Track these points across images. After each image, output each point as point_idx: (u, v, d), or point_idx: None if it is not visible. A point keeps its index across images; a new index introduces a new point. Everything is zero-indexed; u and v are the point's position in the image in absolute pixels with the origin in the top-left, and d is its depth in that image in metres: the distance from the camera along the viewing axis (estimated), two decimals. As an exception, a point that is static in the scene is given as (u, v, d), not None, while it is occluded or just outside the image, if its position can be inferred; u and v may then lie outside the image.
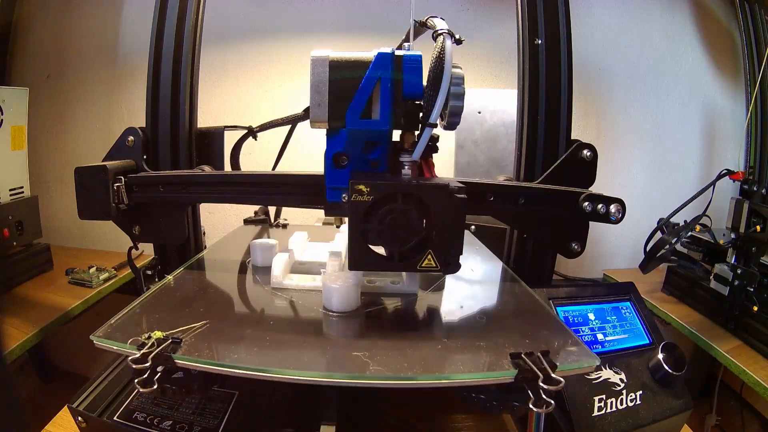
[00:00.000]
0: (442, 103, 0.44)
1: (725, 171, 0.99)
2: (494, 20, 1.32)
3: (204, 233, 0.83)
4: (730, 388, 1.17)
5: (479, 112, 1.14)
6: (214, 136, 0.78)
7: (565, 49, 0.70)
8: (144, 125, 0.73)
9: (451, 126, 0.47)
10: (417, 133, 0.47)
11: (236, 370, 0.37)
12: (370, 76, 0.44)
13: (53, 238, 1.20)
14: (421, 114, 0.46)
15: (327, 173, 0.48)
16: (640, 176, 1.42)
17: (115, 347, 0.39)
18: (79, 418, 0.46)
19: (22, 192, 1.08)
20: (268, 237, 0.78)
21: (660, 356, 0.62)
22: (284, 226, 0.90)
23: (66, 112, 1.36)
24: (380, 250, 0.45)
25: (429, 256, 0.44)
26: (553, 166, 0.65)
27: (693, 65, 1.39)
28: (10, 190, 1.05)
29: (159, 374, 0.37)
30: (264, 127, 0.78)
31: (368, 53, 0.44)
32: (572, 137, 0.71)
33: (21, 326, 0.84)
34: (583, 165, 0.65)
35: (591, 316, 0.69)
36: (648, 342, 0.68)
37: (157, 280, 0.72)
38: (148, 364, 0.36)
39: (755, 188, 0.95)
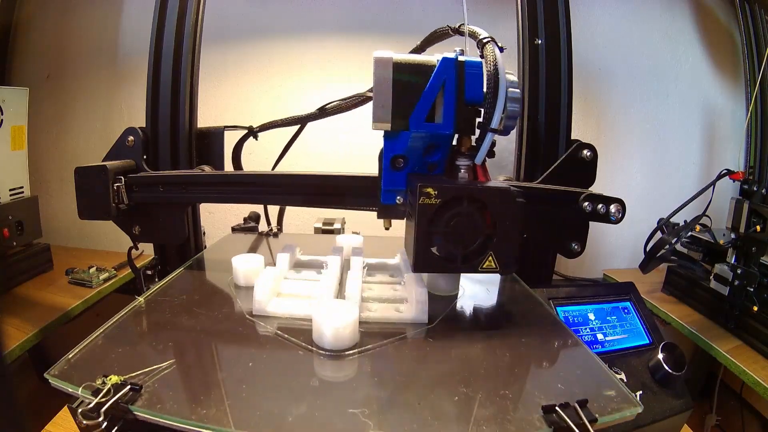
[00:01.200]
0: (503, 107, 0.45)
1: (725, 171, 0.99)
2: (494, 20, 1.32)
3: (204, 233, 0.83)
4: (730, 388, 1.17)
5: (479, 112, 1.14)
6: (214, 136, 0.78)
7: (565, 49, 0.70)
8: (144, 125, 0.73)
9: (507, 130, 0.48)
10: (474, 137, 0.48)
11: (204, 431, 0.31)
12: (434, 81, 0.44)
13: (53, 238, 1.20)
14: (479, 119, 0.47)
15: (384, 175, 0.49)
16: (640, 176, 1.42)
17: (69, 389, 0.34)
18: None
19: (22, 192, 1.08)
20: (256, 248, 0.75)
21: (660, 356, 0.62)
22: (275, 234, 0.83)
23: (66, 112, 1.36)
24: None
25: (490, 258, 0.45)
26: (553, 166, 0.65)
27: (693, 65, 1.39)
28: (10, 190, 1.05)
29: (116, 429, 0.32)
30: (264, 127, 0.79)
31: (431, 57, 0.45)
32: (572, 137, 0.71)
33: (21, 326, 0.84)
34: (583, 165, 0.65)
35: (591, 316, 0.69)
36: (648, 342, 0.68)
37: (157, 280, 0.72)
38: (100, 419, 0.30)
39: (755, 188, 0.95)
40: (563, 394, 0.36)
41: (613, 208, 0.57)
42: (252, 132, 0.80)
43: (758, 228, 0.89)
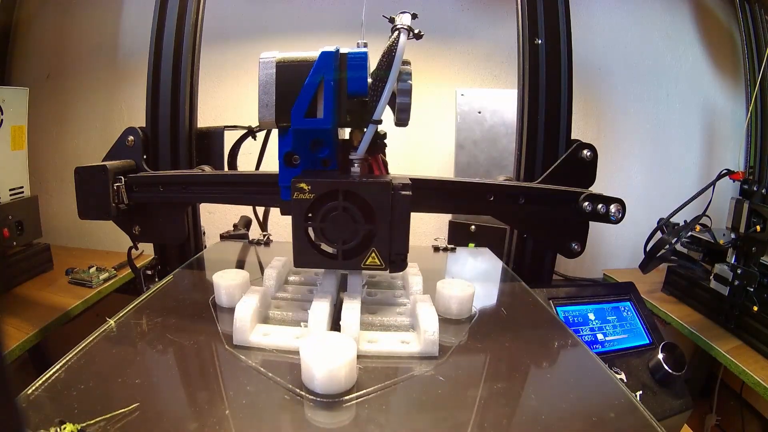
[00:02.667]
0: (387, 99, 0.44)
1: (725, 171, 0.99)
2: (494, 20, 1.32)
3: (204, 233, 0.83)
4: (730, 388, 1.17)
5: (479, 112, 1.14)
6: (214, 136, 0.78)
7: (565, 49, 0.70)
8: (144, 125, 0.73)
9: (401, 122, 0.47)
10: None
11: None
12: (313, 75, 0.44)
13: (53, 238, 1.20)
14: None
15: (280, 172, 0.48)
16: (640, 176, 1.42)
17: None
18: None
19: (22, 192, 1.08)
20: (244, 259, 0.71)
21: (660, 356, 0.62)
22: (266, 243, 0.77)
23: (66, 112, 1.36)
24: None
25: (373, 254, 0.44)
26: (553, 166, 0.65)
27: (693, 65, 1.39)
28: (10, 190, 1.05)
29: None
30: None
31: (315, 53, 0.44)
32: (572, 137, 0.71)
33: (21, 326, 0.84)
34: (583, 165, 0.65)
35: (591, 316, 0.69)
36: (648, 342, 0.68)
37: (157, 280, 0.72)
38: None
39: (755, 188, 0.95)
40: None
41: (613, 208, 0.57)
42: (252, 132, 0.80)
43: (758, 228, 0.89)
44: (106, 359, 0.39)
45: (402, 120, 0.47)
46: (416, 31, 0.45)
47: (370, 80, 0.45)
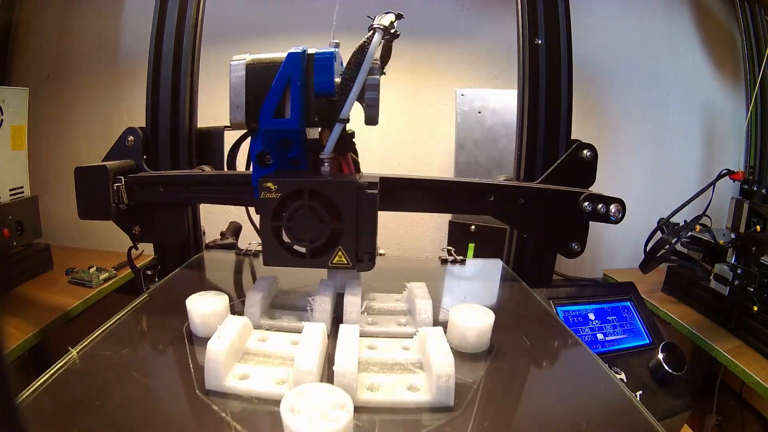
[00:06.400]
0: (354, 98, 0.44)
1: (725, 171, 0.99)
2: (494, 20, 1.32)
3: (204, 233, 0.83)
4: (730, 388, 1.17)
5: (479, 112, 1.14)
6: (214, 136, 0.78)
7: (565, 49, 0.70)
8: (144, 125, 0.73)
9: (370, 119, 0.46)
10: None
11: None
12: (280, 76, 0.44)
13: (53, 238, 1.20)
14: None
15: (253, 172, 0.49)
16: (640, 176, 1.42)
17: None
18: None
19: (22, 192, 1.08)
20: (229, 275, 0.66)
21: (660, 356, 0.62)
22: (255, 253, 0.72)
23: (66, 112, 1.36)
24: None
25: (340, 253, 0.44)
26: (553, 166, 0.65)
27: (693, 65, 1.39)
28: (10, 190, 1.05)
29: None
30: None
31: (283, 54, 0.45)
32: (572, 137, 0.71)
33: (21, 326, 0.84)
34: (583, 165, 0.65)
35: (591, 316, 0.69)
36: (648, 342, 0.68)
37: (157, 280, 0.72)
38: None
39: (755, 188, 0.95)
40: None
41: (613, 208, 0.57)
42: (251, 132, 0.80)
43: (758, 228, 0.89)
44: (63, 399, 0.34)
45: (371, 118, 0.46)
46: (393, 31, 0.45)
47: (339, 80, 0.45)
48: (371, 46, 0.43)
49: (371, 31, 0.44)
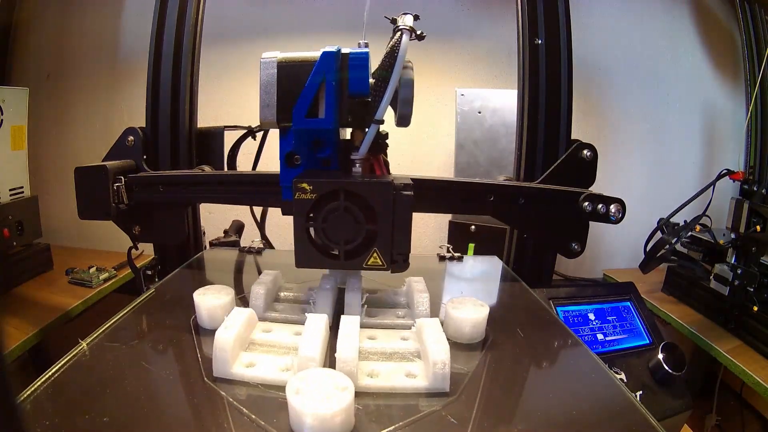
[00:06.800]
0: (389, 99, 0.44)
1: (725, 171, 0.99)
2: (494, 20, 1.32)
3: (204, 233, 0.83)
4: (730, 388, 1.17)
5: (479, 112, 1.14)
6: (214, 136, 0.78)
7: (565, 49, 0.70)
8: (144, 125, 0.73)
9: (402, 122, 0.47)
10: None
11: None
12: (314, 76, 0.44)
13: (53, 238, 1.20)
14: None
15: (282, 172, 0.48)
16: (640, 176, 1.42)
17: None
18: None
19: (22, 192, 1.08)
20: (232, 271, 0.67)
21: (660, 356, 0.62)
22: (258, 251, 0.73)
23: (66, 112, 1.36)
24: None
25: (375, 254, 0.44)
26: (553, 166, 0.65)
27: (693, 65, 1.39)
28: (10, 190, 1.05)
29: None
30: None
31: (316, 53, 0.44)
32: (572, 137, 0.71)
33: (21, 326, 0.84)
34: (583, 165, 0.65)
35: (591, 316, 0.69)
36: (648, 342, 0.68)
37: (157, 280, 0.72)
38: None
39: (755, 188, 0.95)
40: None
41: (613, 208, 0.57)
42: (251, 132, 0.80)
43: (758, 228, 0.89)
44: (73, 389, 0.35)
45: (404, 121, 0.46)
46: (418, 32, 0.45)
47: (371, 80, 0.45)
48: (401, 47, 0.43)
49: (398, 33, 0.44)
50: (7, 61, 1.33)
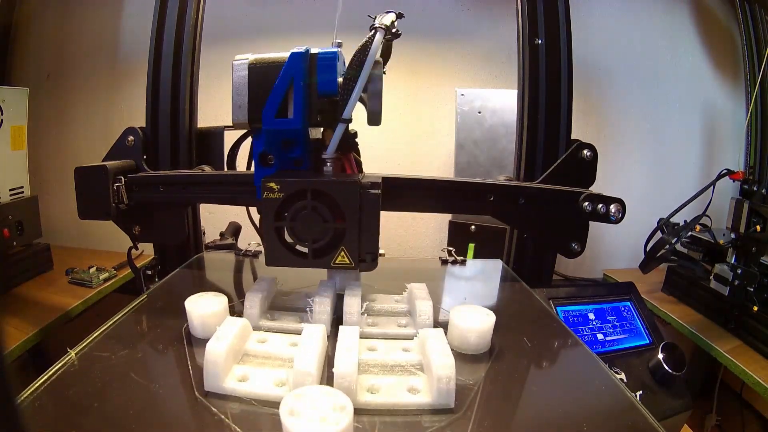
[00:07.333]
0: (357, 98, 0.44)
1: (725, 171, 0.99)
2: (494, 20, 1.32)
3: (204, 233, 0.83)
4: (730, 388, 1.17)
5: (479, 112, 1.14)
6: (214, 136, 0.78)
7: (565, 49, 0.70)
8: (144, 125, 0.73)
9: (373, 117, 0.46)
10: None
11: None
12: (283, 76, 0.44)
13: (53, 238, 1.20)
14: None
15: (255, 171, 0.48)
16: (640, 176, 1.42)
17: None
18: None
19: (22, 192, 1.08)
20: (228, 276, 0.66)
21: (660, 356, 0.62)
22: (255, 254, 0.71)
23: (66, 112, 1.36)
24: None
25: (342, 253, 0.44)
26: (553, 166, 0.65)
27: (693, 65, 1.39)
28: (10, 190, 1.05)
29: None
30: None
31: (286, 53, 0.44)
32: (572, 137, 0.71)
33: (21, 326, 0.84)
34: (583, 165, 0.65)
35: (591, 316, 0.69)
36: (648, 342, 0.68)
37: (157, 280, 0.72)
38: None
39: (755, 188, 0.95)
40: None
41: (613, 208, 0.57)
42: (254, 132, 0.80)
43: (758, 228, 0.89)
44: (61, 401, 0.34)
45: (374, 117, 0.46)
46: (394, 31, 0.45)
47: (341, 79, 0.45)
48: (373, 46, 0.43)
49: (372, 31, 0.44)
50: (7, 61, 1.33)
